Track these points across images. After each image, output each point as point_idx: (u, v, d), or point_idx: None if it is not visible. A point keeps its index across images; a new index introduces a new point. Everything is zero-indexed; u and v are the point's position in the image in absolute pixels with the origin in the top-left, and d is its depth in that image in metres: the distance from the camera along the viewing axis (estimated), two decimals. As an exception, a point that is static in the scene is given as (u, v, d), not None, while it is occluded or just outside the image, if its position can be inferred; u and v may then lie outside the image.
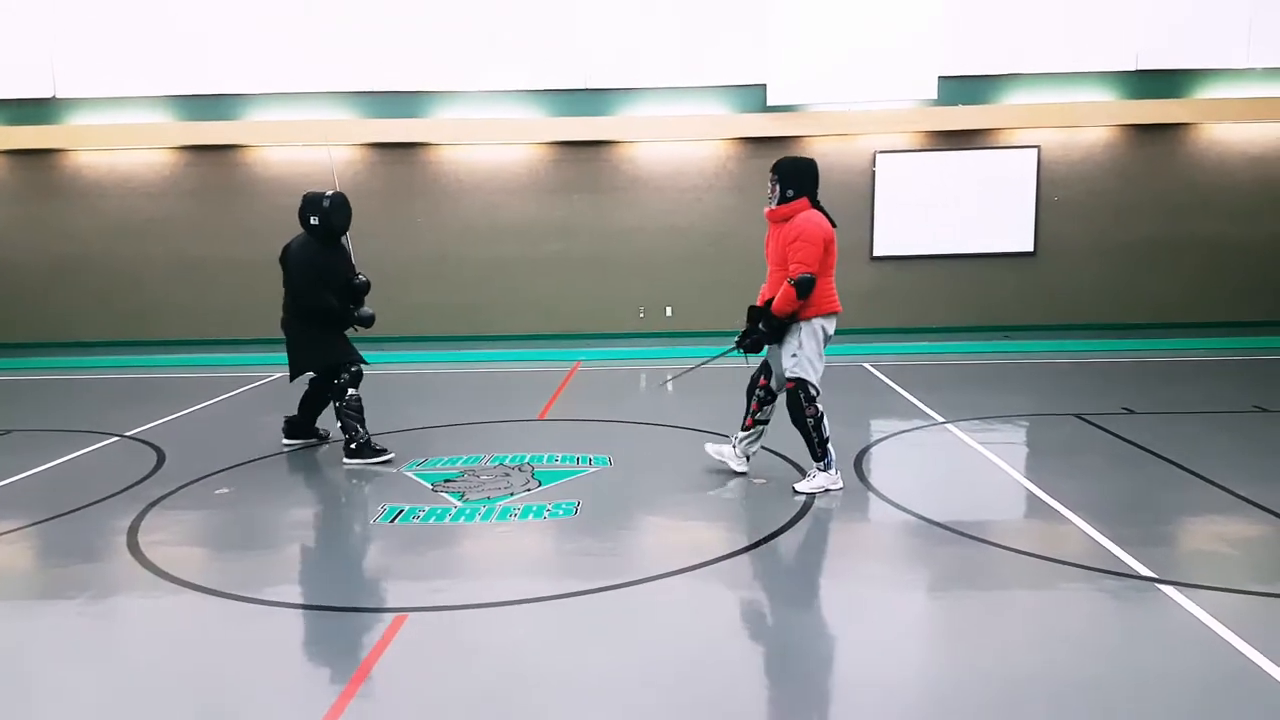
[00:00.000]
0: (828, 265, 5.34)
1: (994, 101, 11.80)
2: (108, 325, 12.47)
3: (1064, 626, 3.70)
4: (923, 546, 4.63)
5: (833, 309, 5.39)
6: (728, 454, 5.93)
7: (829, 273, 5.36)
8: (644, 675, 3.36)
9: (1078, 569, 4.24)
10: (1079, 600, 3.94)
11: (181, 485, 5.90)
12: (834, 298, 5.39)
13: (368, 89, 11.94)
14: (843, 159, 11.98)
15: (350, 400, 6.41)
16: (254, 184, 12.23)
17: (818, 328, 5.36)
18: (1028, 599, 4.01)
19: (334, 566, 4.72)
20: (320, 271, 6.32)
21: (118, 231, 12.30)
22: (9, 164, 12.31)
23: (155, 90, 11.98)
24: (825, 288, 5.34)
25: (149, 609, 4.11)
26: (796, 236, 5.27)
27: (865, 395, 8.56)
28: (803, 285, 5.22)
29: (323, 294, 6.32)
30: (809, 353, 5.35)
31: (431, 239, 12.27)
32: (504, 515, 5.17)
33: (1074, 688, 3.19)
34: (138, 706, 3.23)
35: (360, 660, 3.45)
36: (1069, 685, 3.21)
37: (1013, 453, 6.56)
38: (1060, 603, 3.93)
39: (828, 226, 5.34)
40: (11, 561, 4.76)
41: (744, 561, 4.42)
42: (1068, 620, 3.76)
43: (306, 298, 6.31)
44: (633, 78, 11.86)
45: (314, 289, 6.30)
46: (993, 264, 12.16)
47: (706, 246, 12.19)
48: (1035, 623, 3.75)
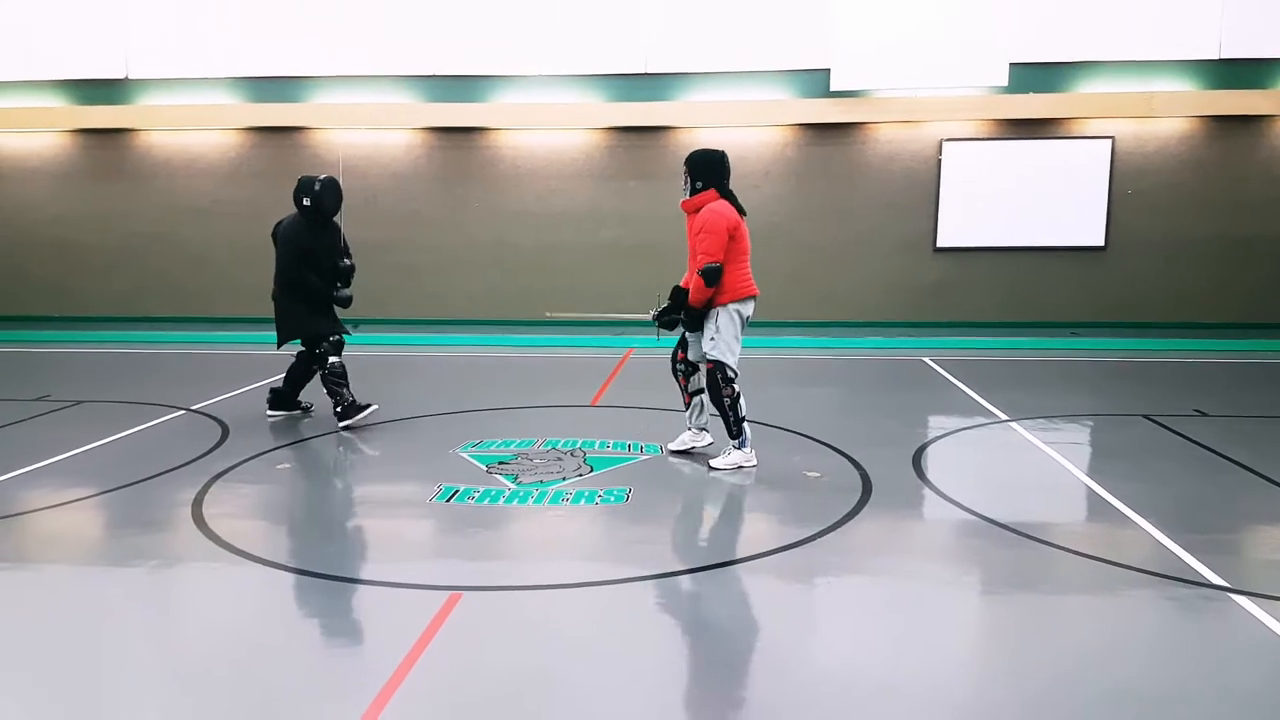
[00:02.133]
0: (737, 252, 5.54)
1: (1067, 90, 11.45)
2: (174, 302, 12.79)
3: (1128, 635, 3.58)
4: (982, 547, 4.52)
5: (748, 293, 5.62)
6: (688, 439, 6.10)
7: (740, 259, 5.57)
8: (691, 665, 3.33)
9: (1145, 575, 4.10)
10: (1145, 608, 3.81)
11: (244, 459, 6.03)
12: (748, 282, 5.62)
13: (428, 73, 12.03)
14: (908, 147, 11.75)
15: (333, 367, 6.76)
16: (318, 167, 12.39)
17: (734, 312, 5.59)
18: (1091, 605, 3.89)
19: (390, 543, 4.78)
20: (306, 250, 6.69)
21: (185, 211, 12.59)
22: (82, 143, 12.67)
23: (224, 72, 12.22)
24: (738, 273, 5.56)
25: (211, 579, 4.20)
26: (701, 228, 5.49)
27: (925, 390, 8.40)
28: (708, 274, 5.46)
29: (304, 271, 6.69)
30: (726, 336, 5.57)
31: (487, 224, 12.33)
32: (556, 499, 5.18)
33: (1137, 700, 3.08)
34: (197, 674, 3.30)
35: (416, 637, 3.48)
36: (1131, 697, 3.10)
37: (1078, 453, 6.37)
38: (1125, 610, 3.81)
39: (731, 216, 5.51)
40: (81, 529, 4.91)
41: (796, 556, 4.36)
42: (1133, 628, 3.64)
43: (290, 273, 6.69)
44: (692, 62, 11.75)
45: (296, 265, 6.67)
46: (1061, 258, 11.83)
47: (762, 234, 11.97)
48: (1097, 630, 3.63)
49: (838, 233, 11.97)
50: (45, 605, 3.92)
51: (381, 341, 11.23)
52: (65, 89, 12.50)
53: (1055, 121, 11.56)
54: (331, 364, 6.78)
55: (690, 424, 6.09)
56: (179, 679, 3.27)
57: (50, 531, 4.83)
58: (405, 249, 12.26)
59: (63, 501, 5.20)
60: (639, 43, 11.75)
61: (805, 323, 11.96)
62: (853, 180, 11.92)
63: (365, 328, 12.17)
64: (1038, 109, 11.38)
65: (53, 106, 12.49)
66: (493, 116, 12.01)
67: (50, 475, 5.70)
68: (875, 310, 11.93)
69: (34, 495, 5.32)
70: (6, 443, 6.50)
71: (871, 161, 11.87)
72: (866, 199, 11.89)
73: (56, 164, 12.74)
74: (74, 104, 12.48)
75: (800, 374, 9.33)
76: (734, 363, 5.59)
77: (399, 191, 12.38)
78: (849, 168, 11.91)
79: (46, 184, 12.76)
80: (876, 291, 11.91)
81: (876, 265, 11.90)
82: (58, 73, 12.37)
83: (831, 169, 11.93)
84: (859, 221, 11.92)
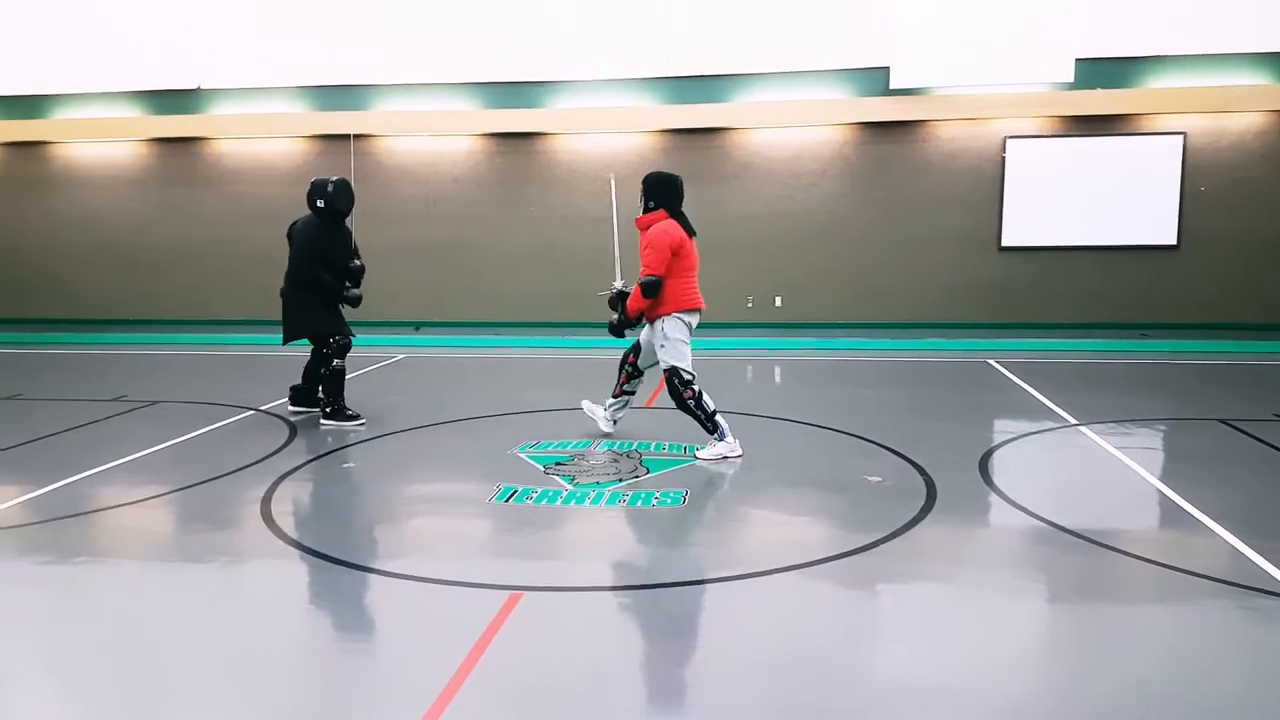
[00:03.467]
0: (681, 268, 5.91)
1: (1136, 85, 11.13)
2: (241, 305, 13.14)
3: (1203, 646, 3.46)
4: (1050, 554, 4.41)
5: (690, 306, 5.99)
6: (599, 414, 6.58)
7: (683, 274, 5.93)
8: (749, 670, 3.31)
9: (1221, 584, 3.95)
10: (1221, 617, 3.68)
11: (310, 459, 6.17)
12: (692, 296, 5.99)
13: (486, 79, 12.17)
14: (971, 144, 11.54)
15: (334, 369, 7.04)
16: (379, 172, 12.66)
17: (678, 321, 5.98)
18: (1163, 614, 3.77)
19: (452, 542, 4.84)
20: (319, 249, 6.93)
21: (254, 217, 12.93)
22: (156, 151, 13.09)
23: (290, 81, 12.53)
24: (680, 287, 5.94)
25: (278, 575, 4.31)
26: (648, 244, 5.89)
27: (991, 393, 8.24)
28: (647, 286, 5.91)
29: (317, 269, 6.93)
30: (674, 343, 5.97)
31: (543, 227, 12.42)
32: (613, 500, 5.20)
33: (1210, 713, 2.97)
34: (263, 669, 3.39)
35: (477, 636, 3.52)
36: (1204, 709, 2.99)
37: (1151, 458, 6.19)
38: (1200, 620, 3.68)
39: (677, 235, 5.87)
40: (154, 525, 5.07)
41: (856, 562, 4.30)
42: (1207, 639, 3.51)
43: (302, 271, 6.94)
44: (748, 63, 11.70)
45: (309, 264, 6.92)
46: (1131, 257, 11.49)
47: (820, 234, 11.96)
48: (1170, 641, 3.52)
49: (899, 232, 11.80)
50: (121, 599, 4.06)
51: (442, 343, 11.40)
52: (140, 99, 12.94)
53: (1124, 118, 11.24)
54: (335, 365, 7.04)
55: (607, 410, 6.58)
56: (246, 673, 3.36)
57: (126, 527, 5.00)
58: (465, 252, 12.42)
59: (138, 499, 5.38)
60: (694, 45, 11.73)
61: (866, 323, 11.82)
62: (914, 179, 11.74)
63: (426, 329, 12.40)
64: (1105, 105, 11.08)
65: (128, 116, 12.94)
66: (548, 121, 12.11)
67: (126, 473, 5.90)
68: (938, 311, 11.73)
69: (111, 492, 5.51)
70: (86, 441, 6.74)
71: (933, 160, 11.68)
72: (928, 198, 11.70)
73: (132, 172, 13.20)
74: (148, 114, 12.91)
75: (861, 376, 9.22)
76: (687, 365, 5.96)
77: (459, 196, 12.55)
78: (910, 166, 11.73)
79: (123, 191, 13.22)
80: (939, 291, 11.71)
81: (939, 265, 11.70)
82: (133, 84, 12.82)
83: (892, 168, 11.77)
84: (921, 221, 11.74)
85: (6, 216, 13.45)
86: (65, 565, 4.40)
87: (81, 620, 3.83)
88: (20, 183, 13.38)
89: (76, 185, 13.32)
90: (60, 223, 13.35)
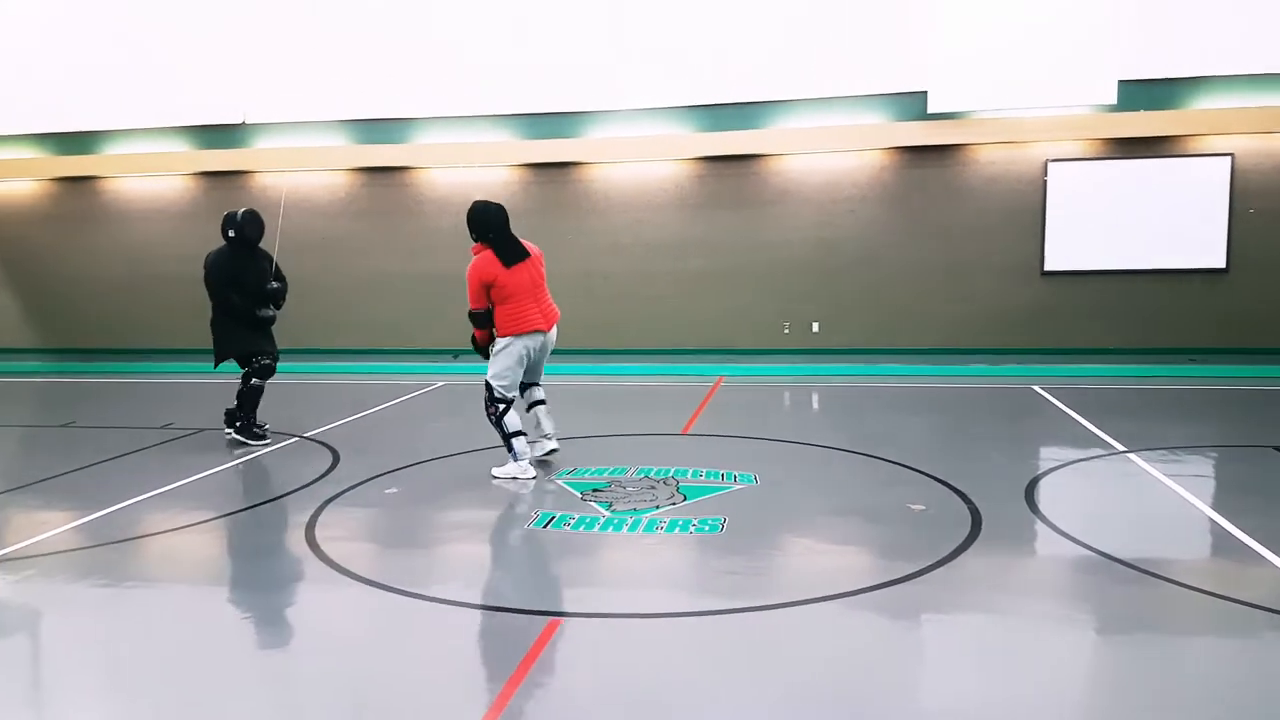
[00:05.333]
0: (504, 296, 6.19)
1: (1181, 106, 10.97)
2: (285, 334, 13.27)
3: (1258, 678, 3.34)
4: (1099, 584, 4.31)
5: (525, 329, 6.28)
6: (535, 449, 6.59)
7: (509, 301, 6.21)
8: (786, 700, 3.26)
9: (1276, 615, 3.83)
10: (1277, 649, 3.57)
11: (354, 485, 6.24)
12: (521, 320, 6.26)
13: (523, 110, 12.33)
14: (1011, 168, 11.43)
15: (251, 386, 7.55)
16: (421, 204, 12.85)
17: (511, 344, 6.28)
18: (1217, 646, 3.66)
19: (492, 567, 4.86)
20: (229, 275, 7.43)
21: (298, 247, 13.09)
22: (203, 185, 13.41)
23: (333, 115, 12.81)
24: (507, 313, 6.23)
25: (322, 600, 4.35)
26: (466, 279, 6.24)
27: (1036, 420, 8.10)
28: (470, 317, 6.33)
29: (228, 294, 7.43)
30: (500, 361, 6.28)
31: (579, 255, 12.50)
32: (650, 527, 5.18)
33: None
34: (306, 692, 3.41)
35: (518, 661, 3.52)
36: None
37: (1202, 486, 6.04)
38: (1255, 651, 3.57)
39: (488, 270, 6.15)
40: (202, 550, 5.15)
41: (899, 592, 4.23)
42: (1263, 671, 3.40)
43: (215, 297, 7.51)
44: (784, 89, 11.72)
45: (221, 290, 7.44)
46: (1178, 281, 11.27)
47: (858, 260, 11.89)
48: (1224, 672, 3.42)
49: (939, 257, 11.70)
50: (170, 623, 4.12)
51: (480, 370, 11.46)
52: (188, 134, 13.30)
53: (1169, 139, 11.07)
54: (253, 383, 7.55)
55: (539, 433, 6.67)
56: (290, 696, 3.38)
57: (174, 552, 5.09)
58: (503, 280, 12.52)
59: (186, 524, 5.47)
60: (729, 72, 11.80)
61: (906, 349, 11.70)
62: (953, 203, 11.66)
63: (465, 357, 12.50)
64: (1150, 127, 10.93)
65: (176, 151, 13.29)
66: (585, 151, 12.22)
67: (175, 499, 6.00)
68: (979, 336, 11.59)
69: (160, 518, 5.61)
70: (136, 468, 6.88)
71: (973, 184, 11.59)
72: (968, 222, 11.60)
73: (181, 205, 13.53)
74: (195, 148, 13.25)
75: (902, 403, 9.12)
76: (500, 385, 6.25)
77: (498, 224, 12.68)
78: (949, 191, 11.66)
79: (172, 224, 13.55)
80: (981, 317, 11.58)
81: (980, 290, 11.57)
82: (181, 119, 13.18)
83: (930, 192, 11.70)
84: (961, 245, 11.64)
85: (59, 250, 13.84)
86: (117, 589, 4.49)
87: (132, 643, 3.89)
88: (72, 217, 13.77)
89: (126, 219, 13.68)
90: (110, 255, 13.70)
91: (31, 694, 3.52)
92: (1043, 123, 11.11)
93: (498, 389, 6.28)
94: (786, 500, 5.73)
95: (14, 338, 14.13)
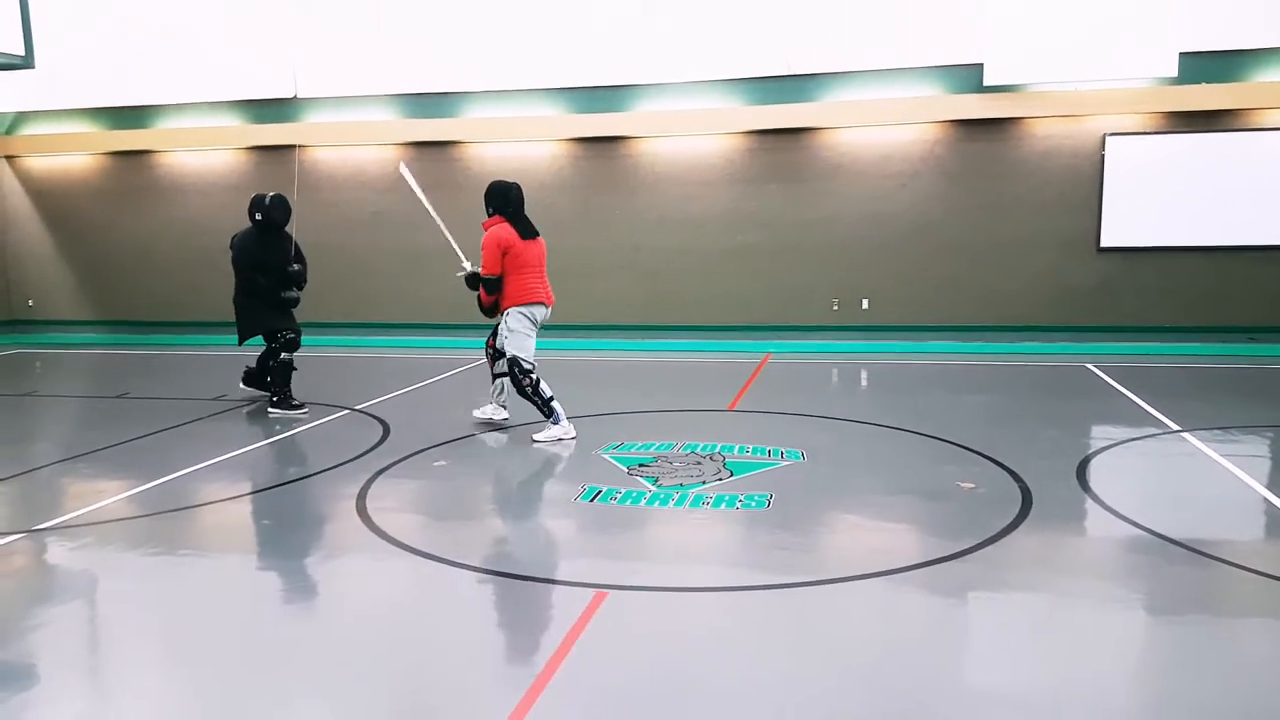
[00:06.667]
0: (516, 266, 6.56)
1: (1245, 79, 10.59)
2: (337, 308, 13.55)
3: (1328, 666, 3.27)
4: (1152, 564, 4.24)
5: (530, 300, 6.64)
6: (488, 411, 7.10)
7: (520, 272, 6.59)
8: (831, 676, 3.26)
9: (1344, 602, 3.74)
10: (1346, 638, 3.48)
11: (404, 457, 6.33)
12: (532, 291, 6.64)
13: (572, 84, 12.29)
14: (1068, 143, 11.14)
15: (282, 361, 7.81)
16: (470, 178, 12.89)
17: (520, 314, 6.63)
18: (1272, 627, 3.58)
19: (539, 540, 4.92)
20: (254, 257, 7.72)
21: (349, 222, 13.32)
22: (255, 159, 13.60)
23: (382, 89, 12.88)
24: (518, 284, 6.60)
25: (372, 569, 4.43)
26: (483, 246, 6.61)
27: (1089, 398, 7.95)
28: (485, 284, 6.64)
29: (253, 275, 7.72)
30: (516, 334, 6.62)
31: (626, 230, 12.47)
32: (696, 503, 5.19)
33: (1341, 736, 2.82)
34: (356, 659, 3.49)
35: (564, 633, 3.56)
36: (1335, 733, 2.83)
37: (1258, 466, 5.88)
38: (1322, 639, 3.48)
39: (506, 237, 6.54)
40: (254, 520, 5.28)
41: (948, 570, 4.19)
42: (1332, 659, 3.32)
43: (239, 277, 7.80)
44: (837, 61, 11.53)
45: (246, 271, 7.74)
46: (1239, 258, 10.93)
47: (909, 236, 11.71)
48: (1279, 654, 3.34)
49: (993, 232, 11.48)
50: (223, 591, 4.23)
51: (526, 345, 11.52)
52: (239, 108, 13.48)
53: (1231, 113, 10.70)
54: (284, 358, 7.81)
55: (493, 399, 7.11)
56: (339, 664, 3.46)
57: (227, 521, 5.22)
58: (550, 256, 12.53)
59: (238, 494, 5.61)
60: (781, 44, 11.63)
61: (959, 326, 11.52)
62: (1008, 178, 11.40)
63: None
64: (1212, 100, 10.56)
65: (228, 126, 13.49)
66: (633, 125, 12.15)
67: (228, 469, 6.15)
68: (1034, 313, 11.36)
69: (213, 488, 5.75)
70: (190, 439, 7.05)
71: (1028, 158, 11.33)
72: (1023, 197, 11.35)
73: (232, 179, 13.72)
74: (247, 122, 13.43)
75: (954, 380, 9.01)
76: (527, 355, 6.60)
77: (545, 201, 12.66)
78: (1004, 165, 11.40)
79: (223, 198, 13.75)
80: (1035, 293, 11.34)
81: (1035, 266, 11.33)
82: (232, 93, 13.36)
83: (985, 166, 11.46)
84: (1015, 220, 11.40)
85: (114, 224, 14.15)
86: (170, 557, 4.61)
87: (186, 610, 4.00)
88: (126, 191, 14.06)
89: (179, 193, 13.92)
90: (163, 229, 13.97)
91: (90, 658, 3.65)
92: (1101, 96, 10.80)
93: (524, 361, 6.61)
94: (834, 477, 5.71)
95: (70, 310, 14.50)
